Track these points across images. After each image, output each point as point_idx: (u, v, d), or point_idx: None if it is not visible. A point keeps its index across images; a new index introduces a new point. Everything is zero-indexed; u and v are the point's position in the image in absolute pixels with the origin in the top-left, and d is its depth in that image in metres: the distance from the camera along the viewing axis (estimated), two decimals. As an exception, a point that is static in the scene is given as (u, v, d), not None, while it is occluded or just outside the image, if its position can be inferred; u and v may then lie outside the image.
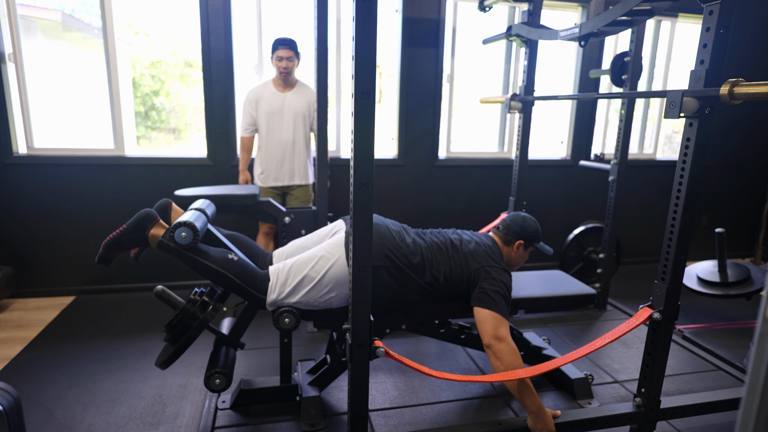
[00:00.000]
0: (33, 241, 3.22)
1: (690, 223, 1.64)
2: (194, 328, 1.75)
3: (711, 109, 1.54)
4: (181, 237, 1.71)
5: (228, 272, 1.79)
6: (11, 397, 1.40)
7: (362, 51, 1.28)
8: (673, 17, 4.02)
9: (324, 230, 2.11)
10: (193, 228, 1.72)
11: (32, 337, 2.69)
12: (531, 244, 2.14)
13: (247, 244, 2.12)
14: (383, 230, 1.92)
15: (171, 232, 1.71)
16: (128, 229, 1.78)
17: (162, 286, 1.77)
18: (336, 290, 1.85)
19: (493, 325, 1.80)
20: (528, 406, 1.78)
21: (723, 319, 3.14)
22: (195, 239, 1.72)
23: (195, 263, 1.77)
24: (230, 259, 1.82)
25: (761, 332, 0.43)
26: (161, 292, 1.76)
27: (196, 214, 1.85)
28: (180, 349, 1.75)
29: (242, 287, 1.81)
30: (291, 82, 3.12)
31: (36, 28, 3.16)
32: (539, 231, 2.15)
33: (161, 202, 1.97)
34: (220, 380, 1.83)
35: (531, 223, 2.13)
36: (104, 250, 1.79)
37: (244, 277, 1.81)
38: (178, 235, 1.71)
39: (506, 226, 2.14)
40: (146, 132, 3.86)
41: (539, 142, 4.11)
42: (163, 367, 1.75)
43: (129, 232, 1.78)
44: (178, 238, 1.71)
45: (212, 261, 1.78)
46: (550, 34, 2.42)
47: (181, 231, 1.71)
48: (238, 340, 2.03)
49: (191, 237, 1.72)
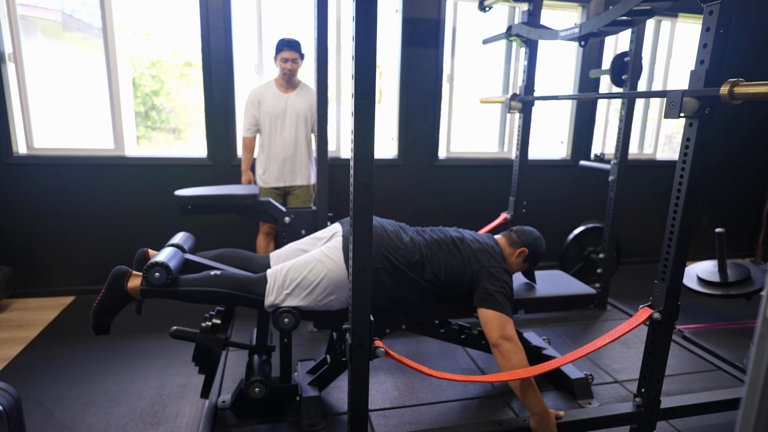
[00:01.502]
0: (33, 241, 3.22)
1: (690, 223, 1.64)
2: (214, 353, 1.86)
3: (711, 109, 1.54)
4: (155, 278, 1.72)
5: (216, 288, 1.79)
6: (11, 397, 1.40)
7: (362, 51, 1.28)
8: (673, 17, 4.02)
9: (321, 233, 2.10)
10: (164, 266, 1.73)
11: (32, 337, 2.69)
12: (531, 259, 2.17)
13: (238, 256, 2.11)
14: (380, 231, 1.92)
15: (145, 277, 1.73)
16: (107, 292, 1.77)
17: (175, 327, 1.91)
18: (335, 294, 1.85)
19: (499, 324, 1.80)
20: (532, 408, 1.77)
21: (723, 319, 3.14)
22: (169, 276, 1.73)
23: (181, 295, 1.78)
24: (213, 276, 1.82)
25: (761, 332, 0.43)
26: (175, 332, 1.90)
27: (170, 251, 1.87)
28: (211, 373, 1.87)
29: (236, 296, 1.81)
30: (294, 83, 3.12)
31: (36, 28, 3.16)
32: (543, 255, 2.21)
33: (138, 254, 1.97)
34: (260, 388, 1.94)
35: (542, 244, 2.19)
36: (95, 320, 1.79)
37: (233, 285, 1.81)
38: (152, 276, 1.72)
39: (521, 231, 2.19)
40: (146, 132, 3.86)
41: (539, 142, 4.11)
42: (206, 396, 1.88)
43: (109, 295, 1.77)
44: (152, 279, 1.72)
45: (197, 285, 1.79)
46: (550, 34, 2.42)
47: (155, 272, 1.72)
48: (266, 345, 2.11)
49: (165, 275, 1.73)
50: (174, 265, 1.76)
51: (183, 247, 1.98)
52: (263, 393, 1.93)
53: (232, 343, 2.00)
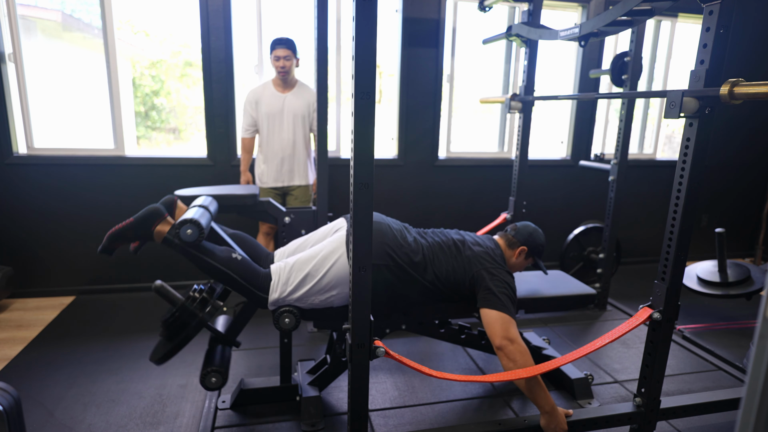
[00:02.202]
0: (33, 241, 3.22)
1: (690, 223, 1.64)
2: (192, 327, 1.74)
3: (711, 109, 1.54)
4: (187, 234, 1.72)
5: (231, 271, 1.79)
6: (11, 397, 1.40)
7: (362, 51, 1.28)
8: (673, 17, 4.02)
9: (325, 228, 2.11)
10: (199, 225, 1.73)
11: (32, 337, 2.69)
12: (532, 254, 2.15)
13: (251, 244, 2.12)
14: (385, 228, 1.92)
15: (176, 229, 1.72)
16: (135, 223, 1.79)
17: (161, 281, 1.76)
18: (337, 288, 1.85)
19: (502, 326, 1.80)
20: (542, 406, 1.77)
21: (723, 319, 3.14)
22: (200, 237, 1.73)
23: (199, 261, 1.77)
24: (234, 258, 1.82)
25: (761, 332, 0.43)
26: (160, 287, 1.74)
27: (201, 211, 1.85)
28: (177, 346, 1.74)
29: (245, 287, 1.81)
30: (291, 82, 3.12)
31: (36, 28, 3.16)
32: (544, 246, 2.17)
33: (167, 198, 1.97)
34: (216, 378, 1.82)
35: (539, 236, 2.16)
36: (108, 241, 1.80)
37: (247, 276, 1.82)
38: (183, 232, 1.71)
39: (516, 230, 2.16)
40: (146, 132, 3.86)
41: (539, 142, 4.11)
42: (159, 363, 1.75)
43: (135, 226, 1.79)
44: (183, 235, 1.72)
45: (216, 260, 1.79)
46: (550, 34, 2.42)
47: (187, 228, 1.72)
48: (235, 339, 2.02)
49: (197, 234, 1.73)
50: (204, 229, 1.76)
51: (210, 210, 1.97)
52: (220, 384, 1.83)
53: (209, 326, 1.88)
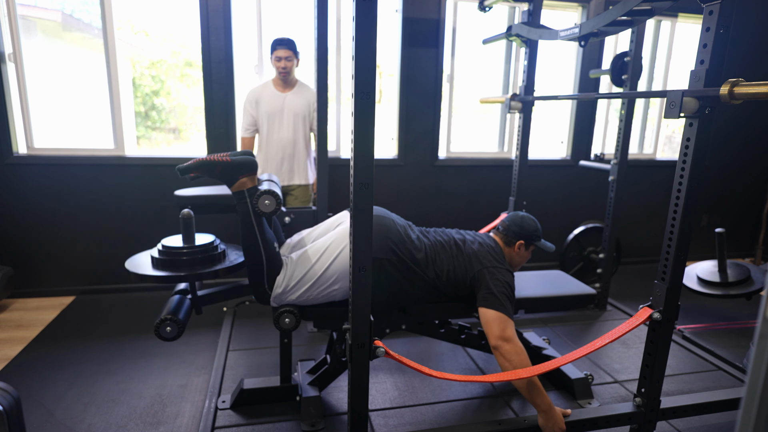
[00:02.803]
0: (33, 241, 3.22)
1: (690, 223, 1.64)
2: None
3: (711, 109, 1.54)
4: (265, 204, 1.77)
5: (265, 255, 1.83)
6: (11, 397, 1.40)
7: (362, 51, 1.28)
8: (673, 17, 4.02)
9: (328, 222, 2.12)
10: (279, 201, 1.77)
11: (32, 337, 2.69)
12: (531, 243, 2.14)
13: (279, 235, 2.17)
14: (389, 223, 1.93)
15: (258, 193, 1.76)
16: (230, 164, 1.78)
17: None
18: (340, 282, 1.87)
19: (499, 326, 1.81)
20: (538, 405, 1.78)
21: (723, 319, 3.14)
22: (275, 211, 1.78)
23: (251, 230, 1.81)
24: (274, 247, 1.87)
25: (761, 332, 0.43)
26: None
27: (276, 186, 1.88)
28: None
29: (263, 274, 1.84)
30: (291, 82, 3.12)
31: (36, 28, 3.16)
32: (539, 229, 2.14)
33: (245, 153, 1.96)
34: (171, 327, 1.79)
35: (530, 223, 2.13)
36: (195, 165, 1.78)
37: (271, 268, 1.85)
38: (262, 201, 1.76)
39: (505, 227, 2.13)
40: (146, 132, 3.86)
41: (539, 142, 4.11)
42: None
43: (229, 166, 1.79)
44: (261, 203, 1.76)
45: (263, 238, 1.82)
46: (550, 34, 2.42)
47: (266, 199, 1.76)
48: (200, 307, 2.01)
49: (272, 208, 1.77)
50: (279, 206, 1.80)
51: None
52: (175, 333, 1.79)
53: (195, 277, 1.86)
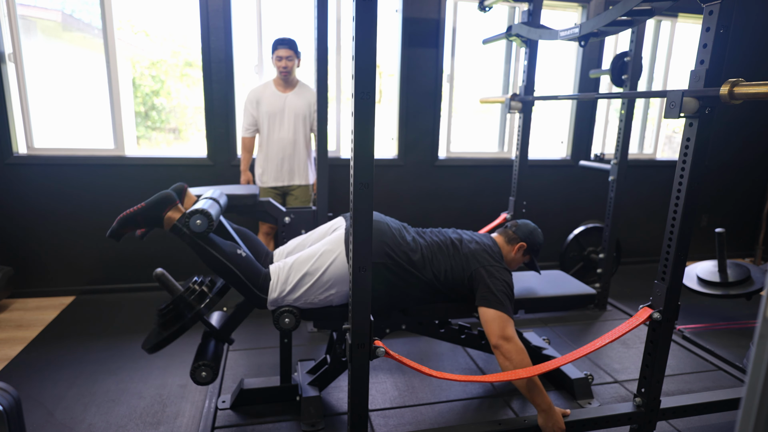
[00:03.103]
0: (33, 241, 3.22)
1: (690, 223, 1.64)
2: (188, 319, 1.73)
3: (711, 109, 1.54)
4: (196, 224, 1.72)
5: (235, 267, 1.79)
6: (11, 397, 1.40)
7: (362, 51, 1.28)
8: (673, 17, 4.02)
9: (324, 227, 2.11)
10: (209, 216, 1.73)
11: (32, 337, 2.69)
12: (530, 252, 2.17)
13: (253, 242, 2.12)
14: (383, 227, 1.92)
15: (187, 218, 1.72)
16: (146, 208, 1.78)
17: (162, 269, 1.76)
18: (336, 287, 1.85)
19: (499, 325, 1.81)
20: (538, 405, 1.79)
21: (723, 319, 3.14)
22: (209, 228, 1.73)
23: (204, 253, 1.77)
24: (239, 254, 1.82)
25: (761, 332, 0.43)
26: (161, 275, 1.74)
27: (211, 202, 1.85)
28: (170, 336, 1.73)
29: (246, 284, 1.81)
30: (292, 82, 3.12)
31: (36, 28, 3.16)
32: (542, 246, 2.20)
33: (177, 185, 1.96)
34: (207, 373, 1.81)
35: (539, 235, 2.18)
36: (118, 225, 1.79)
37: (249, 274, 1.82)
38: (193, 222, 1.72)
39: (517, 226, 2.18)
40: (146, 132, 3.86)
41: (539, 142, 4.11)
42: (150, 351, 1.74)
43: (146, 211, 1.78)
44: (193, 225, 1.72)
45: (221, 253, 1.79)
46: (550, 34, 2.42)
47: (197, 218, 1.72)
48: (229, 336, 2.01)
49: (206, 225, 1.73)
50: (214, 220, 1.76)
51: (220, 203, 1.96)
52: (209, 378, 1.82)
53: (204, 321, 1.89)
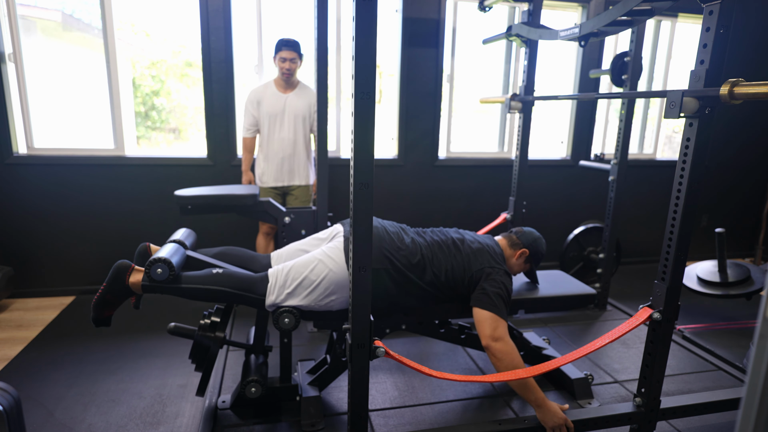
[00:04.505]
0: (33, 241, 3.22)
1: (690, 223, 1.64)
2: (212, 352, 1.85)
3: (711, 109, 1.54)
4: (157, 273, 1.71)
5: (217, 286, 1.79)
6: (11, 397, 1.40)
7: (362, 51, 1.28)
8: (673, 17, 4.02)
9: (322, 234, 2.10)
10: (167, 262, 1.72)
11: (32, 337, 2.69)
12: (532, 259, 2.18)
13: (239, 255, 2.11)
14: (381, 232, 1.92)
15: (147, 272, 1.72)
16: (108, 286, 1.76)
17: (173, 323, 1.88)
18: (336, 294, 1.85)
19: (491, 326, 1.81)
20: (532, 402, 1.80)
21: (723, 319, 3.14)
22: (171, 272, 1.73)
23: (183, 292, 1.77)
24: (215, 274, 1.82)
25: (761, 332, 0.43)
26: (173, 329, 1.87)
27: (171, 247, 1.86)
28: (207, 371, 1.87)
29: (237, 294, 1.81)
30: (293, 83, 3.12)
31: (36, 28, 3.16)
32: (543, 255, 2.21)
33: (139, 248, 1.96)
34: (256, 388, 1.94)
35: (542, 244, 2.19)
36: (95, 312, 1.78)
37: (235, 284, 1.81)
38: (154, 272, 1.71)
39: (521, 232, 2.19)
40: (146, 132, 3.86)
41: (539, 142, 4.11)
42: (201, 393, 1.88)
43: (110, 288, 1.76)
44: (154, 275, 1.71)
45: (199, 282, 1.78)
46: (550, 34, 2.42)
47: (156, 268, 1.71)
48: (263, 345, 2.11)
49: (167, 272, 1.72)
50: (176, 261, 1.76)
51: (185, 243, 1.98)
52: (260, 393, 1.93)
53: (231, 342, 2.00)
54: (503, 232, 2.24)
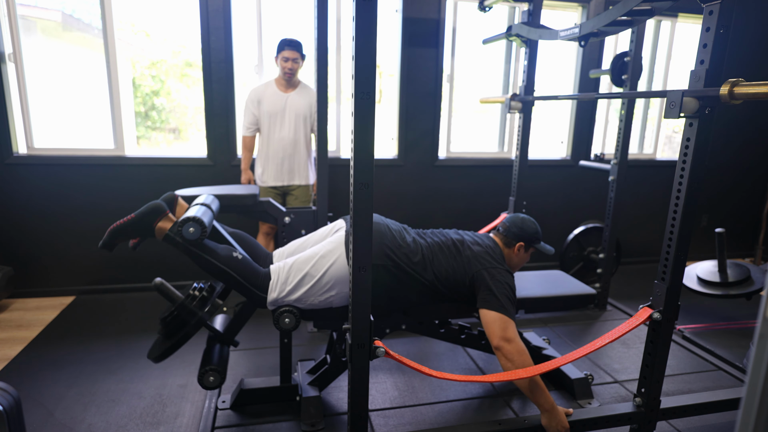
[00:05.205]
0: (33, 241, 3.22)
1: (690, 223, 1.64)
2: (191, 325, 1.75)
3: (711, 109, 1.54)
4: (189, 232, 1.72)
5: (231, 270, 1.80)
6: (11, 397, 1.40)
7: (362, 51, 1.28)
8: (673, 17, 4.02)
9: (324, 229, 2.11)
10: (201, 223, 1.72)
11: (32, 337, 2.69)
12: (531, 245, 2.14)
13: (250, 243, 2.12)
14: (383, 229, 1.92)
15: (179, 226, 1.72)
16: (136, 219, 1.78)
17: (161, 279, 1.76)
18: (336, 288, 1.85)
19: (500, 327, 1.81)
20: (541, 405, 1.78)
21: (723, 319, 3.14)
22: (203, 235, 1.73)
23: (200, 259, 1.78)
24: (235, 257, 1.82)
25: (761, 332, 0.43)
26: (160, 284, 1.74)
27: (203, 209, 1.85)
28: (175, 344, 1.74)
29: (245, 286, 1.81)
30: (294, 82, 3.12)
31: (36, 28, 3.16)
32: (539, 231, 2.14)
33: (167, 195, 1.97)
34: (214, 378, 1.83)
35: (530, 224, 2.13)
36: (109, 237, 1.79)
37: (247, 275, 1.82)
38: (186, 230, 1.71)
39: (506, 228, 2.13)
40: (146, 132, 3.86)
41: (539, 142, 4.11)
42: (156, 361, 1.75)
43: (136, 222, 1.78)
44: (185, 233, 1.72)
45: (217, 258, 1.79)
46: (550, 34, 2.42)
47: (189, 226, 1.72)
48: (233, 338, 2.03)
49: (199, 232, 1.72)
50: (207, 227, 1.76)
51: (212, 209, 1.96)
52: (218, 383, 1.83)
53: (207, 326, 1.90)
54: (494, 231, 2.20)
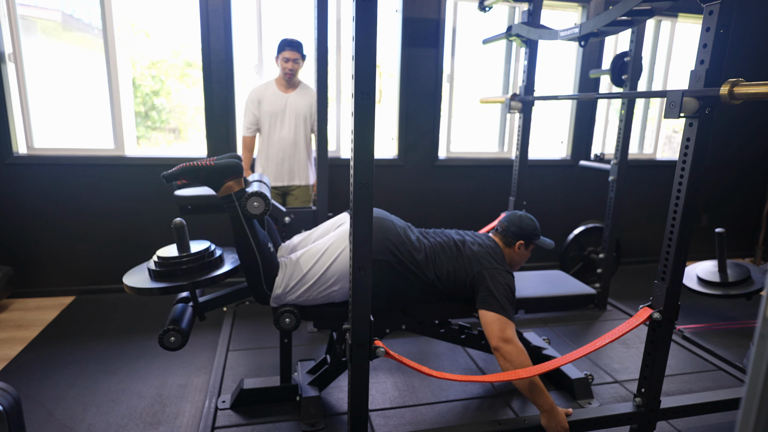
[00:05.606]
0: (33, 241, 3.22)
1: (690, 223, 1.64)
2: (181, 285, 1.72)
3: (711, 109, 1.54)
4: (254, 206, 1.73)
5: (260, 259, 1.80)
6: (11, 397, 1.40)
7: (362, 51, 1.28)
8: (673, 17, 4.02)
9: (329, 223, 2.12)
10: (267, 202, 1.74)
11: (32, 337, 2.69)
12: (531, 242, 2.14)
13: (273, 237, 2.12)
14: (388, 224, 1.93)
15: (246, 197, 1.73)
16: (215, 169, 1.75)
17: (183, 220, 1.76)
18: (339, 283, 1.86)
19: (499, 327, 1.81)
20: (540, 405, 1.79)
21: (723, 319, 3.14)
22: (264, 212, 1.75)
23: (243, 234, 1.77)
24: (269, 248, 1.84)
25: (761, 332, 0.43)
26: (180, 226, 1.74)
27: (266, 188, 1.85)
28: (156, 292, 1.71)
29: (260, 276, 1.83)
30: (294, 82, 3.12)
31: (36, 28, 3.16)
32: (537, 228, 2.14)
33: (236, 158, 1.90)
34: (175, 338, 1.75)
35: (528, 222, 2.12)
36: (180, 171, 1.74)
37: (267, 268, 1.83)
38: (251, 203, 1.73)
39: (504, 227, 2.13)
40: (146, 132, 3.86)
41: (539, 142, 4.11)
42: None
43: (213, 171, 1.75)
44: (250, 206, 1.73)
45: (256, 241, 1.79)
46: (550, 34, 2.42)
47: (255, 201, 1.73)
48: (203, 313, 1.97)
49: (261, 209, 1.74)
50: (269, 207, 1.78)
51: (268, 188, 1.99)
52: (179, 344, 1.75)
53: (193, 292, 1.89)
54: (493, 231, 2.20)
